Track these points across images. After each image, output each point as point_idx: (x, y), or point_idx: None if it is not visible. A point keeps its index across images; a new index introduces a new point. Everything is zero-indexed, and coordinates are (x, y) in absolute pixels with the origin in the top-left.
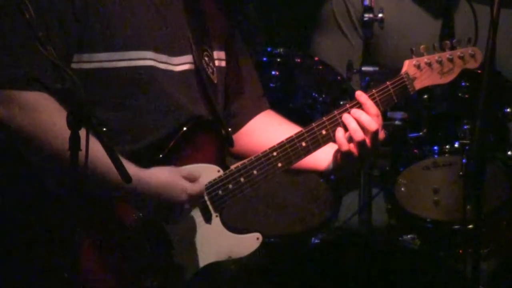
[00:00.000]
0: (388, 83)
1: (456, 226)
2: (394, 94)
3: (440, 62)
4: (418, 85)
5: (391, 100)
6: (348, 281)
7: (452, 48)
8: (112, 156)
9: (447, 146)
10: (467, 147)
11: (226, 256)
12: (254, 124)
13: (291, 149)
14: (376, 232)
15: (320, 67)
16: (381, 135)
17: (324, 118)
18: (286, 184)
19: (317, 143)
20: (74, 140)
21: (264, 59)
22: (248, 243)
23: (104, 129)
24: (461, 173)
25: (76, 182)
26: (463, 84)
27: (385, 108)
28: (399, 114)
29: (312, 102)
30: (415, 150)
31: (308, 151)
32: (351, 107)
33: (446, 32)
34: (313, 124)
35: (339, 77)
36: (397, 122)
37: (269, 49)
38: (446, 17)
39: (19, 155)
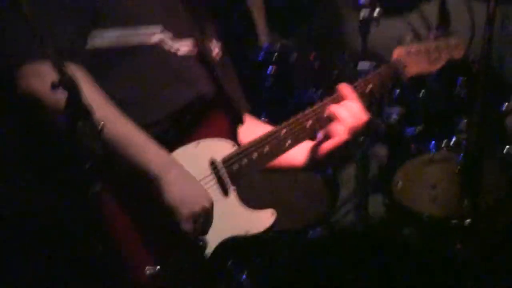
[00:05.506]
0: (380, 69)
1: (453, 221)
2: (388, 80)
3: (427, 51)
4: (409, 72)
5: (384, 87)
6: (346, 276)
7: (438, 37)
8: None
9: (444, 142)
10: (464, 143)
11: (243, 231)
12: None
13: (298, 128)
14: (373, 227)
15: (318, 64)
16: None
17: (325, 101)
18: (283, 181)
19: (321, 122)
20: (72, 135)
21: (261, 57)
22: (263, 218)
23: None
24: (458, 168)
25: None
26: (460, 80)
27: (379, 95)
28: (396, 110)
29: (309, 100)
30: (412, 146)
31: (314, 130)
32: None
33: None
34: (315, 106)
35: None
36: (393, 118)
37: (266, 46)
38: (443, 12)
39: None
